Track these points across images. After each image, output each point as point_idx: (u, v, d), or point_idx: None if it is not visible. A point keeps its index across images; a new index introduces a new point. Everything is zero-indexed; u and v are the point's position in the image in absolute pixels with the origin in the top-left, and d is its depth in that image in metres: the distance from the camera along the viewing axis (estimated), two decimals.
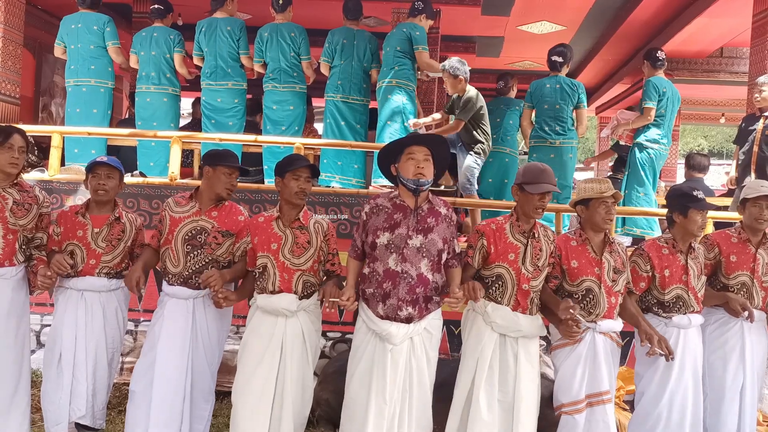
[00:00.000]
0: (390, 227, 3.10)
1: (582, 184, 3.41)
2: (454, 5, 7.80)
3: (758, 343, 3.62)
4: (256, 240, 3.35)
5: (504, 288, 3.24)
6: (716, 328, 3.63)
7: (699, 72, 9.47)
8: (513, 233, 3.27)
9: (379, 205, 3.18)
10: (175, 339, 3.36)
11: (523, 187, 3.22)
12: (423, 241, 3.08)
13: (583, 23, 8.97)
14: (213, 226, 3.44)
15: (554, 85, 5.43)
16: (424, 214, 3.12)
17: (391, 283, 3.06)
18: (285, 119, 5.50)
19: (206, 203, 3.48)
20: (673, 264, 3.48)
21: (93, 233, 3.53)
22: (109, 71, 5.76)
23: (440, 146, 3.23)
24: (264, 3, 6.03)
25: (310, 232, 3.34)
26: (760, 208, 3.57)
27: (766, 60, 6.08)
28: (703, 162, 6.51)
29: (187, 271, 3.41)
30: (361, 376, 3.10)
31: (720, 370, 3.56)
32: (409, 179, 3.08)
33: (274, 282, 3.28)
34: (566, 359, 3.30)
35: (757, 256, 3.62)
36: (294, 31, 5.45)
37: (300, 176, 3.30)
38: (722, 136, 24.34)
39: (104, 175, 3.53)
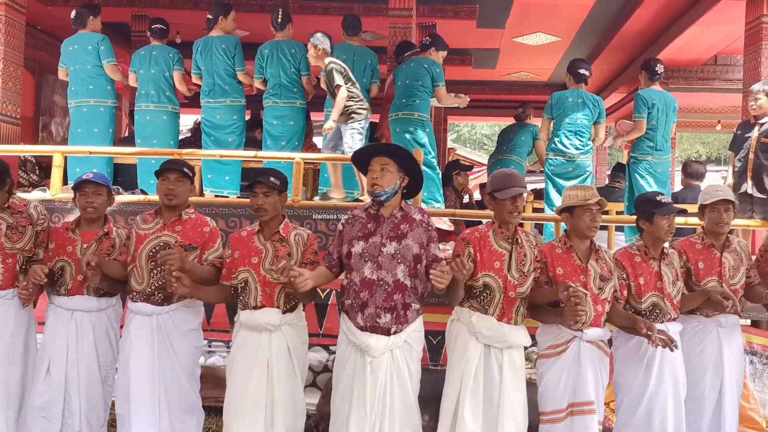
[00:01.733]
0: (364, 236, 3.15)
1: (567, 191, 3.42)
2: (449, 18, 7.88)
3: (736, 349, 3.63)
4: (237, 254, 3.35)
5: (491, 297, 3.23)
6: (692, 336, 3.62)
7: (694, 80, 9.53)
8: (497, 240, 3.28)
9: (355, 215, 3.25)
10: (142, 358, 3.34)
11: (493, 195, 3.25)
12: (397, 248, 3.10)
13: (578, 34, 9.04)
14: (176, 240, 3.42)
15: (576, 98, 5.42)
16: (397, 221, 3.16)
17: (368, 291, 3.08)
18: (285, 134, 5.54)
19: (167, 217, 3.47)
20: (646, 271, 3.47)
21: (82, 249, 3.52)
22: (109, 90, 5.79)
23: (402, 154, 3.21)
24: (262, 20, 6.10)
25: (291, 244, 3.34)
26: (719, 212, 3.60)
27: (760, 67, 6.14)
28: (699, 169, 6.55)
29: (150, 288, 3.39)
30: (344, 389, 3.11)
31: (699, 377, 3.55)
32: (368, 191, 3.18)
33: (255, 297, 3.28)
34: (551, 367, 3.29)
35: (722, 260, 3.64)
36: (294, 47, 5.51)
37: (257, 193, 3.31)
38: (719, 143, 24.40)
39: (92, 193, 3.51)
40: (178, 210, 3.49)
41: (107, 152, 5.58)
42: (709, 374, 3.57)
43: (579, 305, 3.04)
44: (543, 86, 11.74)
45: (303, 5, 7.53)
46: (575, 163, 5.37)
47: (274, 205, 3.33)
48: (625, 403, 3.47)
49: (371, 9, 7.41)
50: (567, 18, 8.34)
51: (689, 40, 8.13)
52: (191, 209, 3.58)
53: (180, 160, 3.66)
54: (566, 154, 5.37)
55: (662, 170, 5.59)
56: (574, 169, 5.38)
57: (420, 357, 3.24)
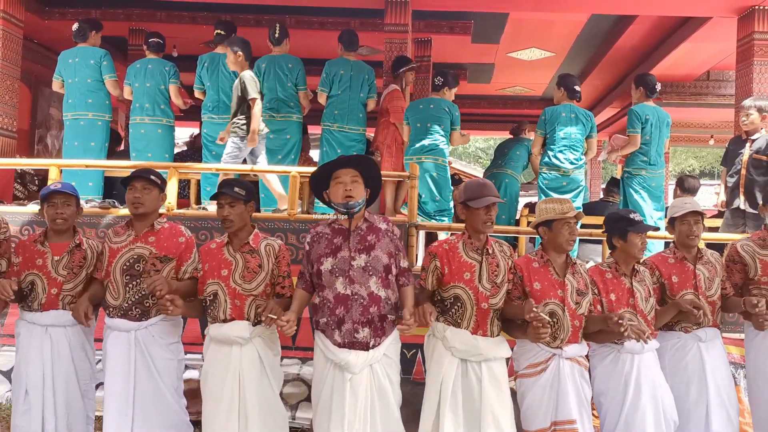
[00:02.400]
0: (332, 252, 3.08)
1: (543, 204, 3.37)
2: (445, 34, 7.96)
3: (719, 362, 3.57)
4: (207, 267, 3.29)
5: (463, 309, 3.17)
6: (674, 354, 3.56)
7: (687, 95, 9.64)
8: (466, 251, 3.22)
9: (319, 232, 3.17)
10: (117, 375, 3.26)
11: (467, 204, 3.20)
12: (367, 260, 3.05)
13: (572, 50, 9.14)
14: (151, 252, 3.32)
15: (569, 113, 5.46)
16: (363, 233, 3.10)
17: (344, 307, 3.02)
18: (281, 148, 5.57)
19: (139, 228, 3.37)
20: (618, 288, 3.42)
21: (53, 261, 3.40)
22: (107, 104, 5.83)
23: (368, 166, 3.20)
24: (259, 35, 6.14)
25: (261, 255, 3.27)
26: (689, 224, 3.57)
27: (752, 83, 6.23)
28: (694, 184, 6.60)
29: (126, 302, 3.30)
30: (323, 407, 3.05)
31: (683, 394, 3.49)
32: (339, 203, 3.08)
33: (225, 309, 3.21)
34: (532, 387, 3.23)
35: (696, 272, 3.60)
36: (291, 62, 5.56)
37: (222, 204, 3.25)
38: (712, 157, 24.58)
39: (61, 203, 3.41)
40: (149, 220, 3.39)
41: (103, 166, 5.58)
42: (693, 390, 3.50)
43: (542, 329, 3.01)
44: (538, 101, 11.84)
45: (300, 20, 7.60)
46: (569, 177, 5.41)
47: (241, 215, 3.26)
48: (606, 422, 3.41)
49: (368, 24, 7.49)
50: (561, 34, 8.43)
51: (682, 56, 8.23)
52: (164, 218, 3.49)
53: (147, 168, 3.55)
54: (560, 168, 5.40)
55: (656, 185, 5.62)
56: (568, 183, 5.41)
57: (398, 366, 3.19)
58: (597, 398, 3.48)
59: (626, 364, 3.33)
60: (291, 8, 7.19)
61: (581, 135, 5.43)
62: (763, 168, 5.05)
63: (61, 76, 5.78)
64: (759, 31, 6.23)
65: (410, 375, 4.43)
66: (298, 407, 4.38)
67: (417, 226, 4.79)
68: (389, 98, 5.71)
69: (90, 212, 4.90)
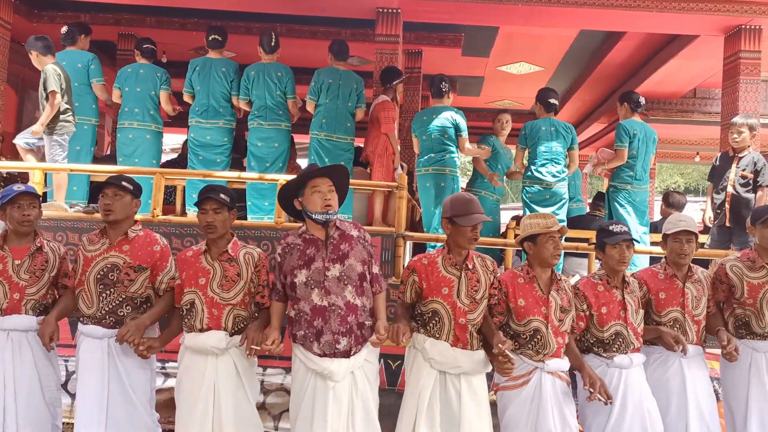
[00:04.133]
0: (305, 263, 3.04)
1: (527, 220, 3.36)
2: (435, 46, 7.99)
3: (700, 378, 3.58)
4: (184, 275, 3.24)
5: (441, 324, 3.15)
6: (657, 368, 3.58)
7: (673, 112, 9.73)
8: (445, 266, 3.19)
9: (290, 243, 3.12)
10: (89, 383, 3.21)
11: (454, 220, 3.14)
12: (342, 269, 3.02)
13: (561, 65, 9.21)
14: (124, 261, 3.27)
15: (549, 127, 5.51)
16: (336, 242, 3.06)
17: (322, 319, 2.98)
18: (269, 156, 5.55)
19: (113, 236, 3.31)
20: (609, 300, 3.43)
21: (14, 265, 3.33)
22: (93, 108, 5.78)
23: (343, 176, 3.18)
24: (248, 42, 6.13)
25: (240, 263, 3.22)
26: (681, 242, 3.58)
27: (738, 101, 6.30)
28: (680, 200, 6.65)
29: (100, 312, 3.25)
30: (304, 417, 3.00)
31: (664, 408, 3.50)
32: (317, 212, 3.02)
33: (201, 319, 3.16)
34: (513, 401, 3.22)
35: (685, 290, 3.60)
36: (281, 70, 5.55)
37: (206, 210, 3.20)
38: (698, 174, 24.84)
39: (27, 205, 3.35)
40: (123, 227, 3.33)
41: (88, 170, 5.51)
42: (673, 405, 3.52)
43: (506, 365, 3.01)
44: (526, 114, 11.87)
45: (291, 29, 7.59)
46: (552, 190, 5.45)
47: (224, 222, 3.22)
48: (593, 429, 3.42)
49: (358, 34, 7.50)
50: (550, 49, 8.49)
51: (669, 73, 8.32)
52: (138, 225, 3.43)
53: (120, 174, 3.51)
54: (543, 181, 5.45)
55: (641, 200, 5.66)
56: (551, 196, 5.45)
57: (377, 371, 3.17)
58: (582, 411, 3.48)
59: (614, 378, 3.35)
60: (282, 17, 7.17)
61: (562, 148, 5.49)
62: (749, 186, 5.09)
63: None
64: (745, 50, 6.31)
65: (395, 386, 4.41)
66: (281, 417, 4.33)
67: (404, 237, 4.78)
68: (379, 108, 5.69)
69: (74, 217, 4.84)
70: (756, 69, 6.32)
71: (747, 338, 3.69)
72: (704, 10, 6.09)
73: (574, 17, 6.48)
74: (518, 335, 3.26)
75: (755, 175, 5.07)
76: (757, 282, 3.70)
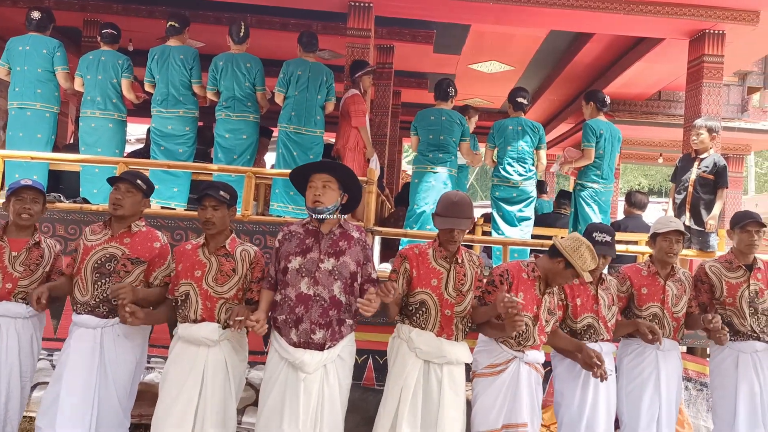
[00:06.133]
0: (302, 252, 3.11)
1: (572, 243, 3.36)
2: (407, 42, 8.00)
3: (673, 373, 3.75)
4: (180, 267, 3.29)
5: (428, 314, 3.23)
6: (632, 359, 3.76)
7: (638, 114, 9.92)
8: (436, 258, 3.28)
9: (291, 231, 3.21)
10: (80, 370, 3.22)
11: (435, 218, 3.27)
12: (335, 264, 3.09)
13: (530, 64, 9.31)
14: (123, 253, 3.33)
15: (516, 126, 5.57)
16: (335, 238, 3.14)
17: (304, 307, 3.04)
18: (237, 148, 5.47)
19: (116, 228, 3.37)
20: (584, 294, 3.60)
21: (11, 257, 3.40)
22: (56, 96, 5.62)
23: (343, 173, 3.21)
24: (218, 32, 6.04)
25: (236, 260, 3.29)
26: (670, 242, 3.74)
27: (701, 104, 6.45)
28: (642, 200, 6.77)
29: (94, 300, 3.28)
30: (273, 407, 3.04)
31: (637, 399, 3.67)
32: (309, 207, 3.13)
33: (195, 310, 3.21)
34: (488, 387, 3.31)
35: (666, 288, 3.78)
36: (250, 61, 5.47)
37: (205, 206, 3.25)
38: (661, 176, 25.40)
39: (30, 199, 3.42)
40: (128, 222, 3.39)
41: (50, 158, 5.38)
42: (647, 395, 3.68)
43: (517, 316, 3.01)
44: (496, 113, 12.00)
45: (261, 20, 7.52)
46: (519, 189, 5.53)
47: (223, 219, 3.28)
48: (565, 423, 3.55)
49: (330, 28, 7.46)
50: (520, 48, 8.58)
51: (635, 75, 8.47)
52: (143, 222, 3.49)
53: (136, 172, 3.55)
54: (510, 180, 5.52)
55: (605, 199, 5.76)
56: (519, 194, 5.53)
57: (351, 370, 3.22)
58: (556, 398, 3.65)
59: None
60: (252, 7, 7.08)
61: (530, 147, 5.56)
62: (709, 186, 5.21)
63: (8, 63, 5.54)
64: (709, 54, 6.46)
65: (360, 381, 4.42)
66: (245, 412, 4.29)
67: (373, 232, 4.78)
68: (349, 102, 5.67)
69: None
70: (719, 73, 6.48)
71: (731, 340, 3.83)
72: (670, 13, 6.23)
73: (544, 17, 6.55)
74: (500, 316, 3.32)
75: (715, 176, 5.19)
76: (735, 281, 3.87)
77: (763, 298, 3.83)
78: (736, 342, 3.82)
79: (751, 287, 3.82)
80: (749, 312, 3.81)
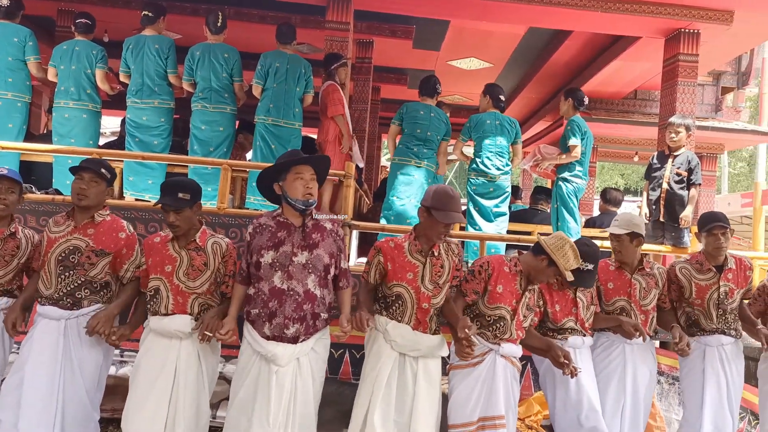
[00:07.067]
0: (274, 245, 3.06)
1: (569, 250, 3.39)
2: (386, 37, 7.97)
3: (642, 366, 3.81)
4: (150, 261, 3.24)
5: (404, 307, 3.23)
6: (601, 351, 3.84)
7: (615, 112, 10.03)
8: (411, 252, 3.26)
9: (262, 224, 3.15)
10: (42, 363, 3.16)
11: (431, 211, 3.18)
12: (309, 257, 3.06)
13: (509, 62, 9.35)
14: (87, 245, 3.27)
15: (494, 121, 5.60)
16: (309, 230, 3.10)
17: (278, 301, 3.01)
18: (213, 140, 5.40)
19: (79, 219, 3.30)
20: (562, 299, 3.67)
21: None
22: (27, 85, 5.51)
23: (325, 166, 3.22)
24: (195, 23, 5.96)
25: (208, 253, 3.24)
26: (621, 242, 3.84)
27: (675, 102, 6.54)
28: (617, 197, 6.85)
29: (58, 293, 3.23)
30: (244, 400, 3.01)
31: (602, 391, 3.74)
32: (298, 199, 3.06)
33: (167, 305, 3.18)
34: (464, 380, 3.33)
35: (632, 281, 3.85)
36: (227, 52, 5.40)
37: (168, 211, 3.21)
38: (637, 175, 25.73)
39: (5, 189, 3.36)
40: (91, 212, 3.32)
41: (22, 149, 5.27)
42: (612, 386, 3.75)
43: (467, 349, 3.09)
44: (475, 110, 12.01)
45: (239, 12, 7.44)
46: (495, 183, 5.56)
47: (188, 219, 3.22)
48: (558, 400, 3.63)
49: (309, 21, 7.41)
50: (499, 46, 8.61)
51: (612, 73, 8.55)
52: (106, 211, 3.41)
53: (99, 159, 3.49)
54: (488, 174, 5.54)
55: (580, 195, 5.84)
56: (495, 189, 5.57)
57: (325, 364, 3.20)
58: (542, 380, 3.77)
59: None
60: None
61: (507, 142, 5.61)
62: (683, 183, 5.28)
63: None
64: (684, 53, 6.55)
65: (337, 375, 4.41)
66: (219, 406, 4.26)
67: (350, 225, 4.76)
68: (325, 94, 5.64)
69: None
70: (693, 72, 6.57)
71: (698, 335, 3.93)
72: (646, 12, 6.30)
73: (523, 13, 6.58)
74: (482, 316, 3.36)
75: (689, 174, 5.26)
76: (704, 284, 3.94)
77: (732, 297, 3.91)
78: (704, 336, 3.90)
79: (721, 289, 3.89)
80: (716, 313, 3.90)
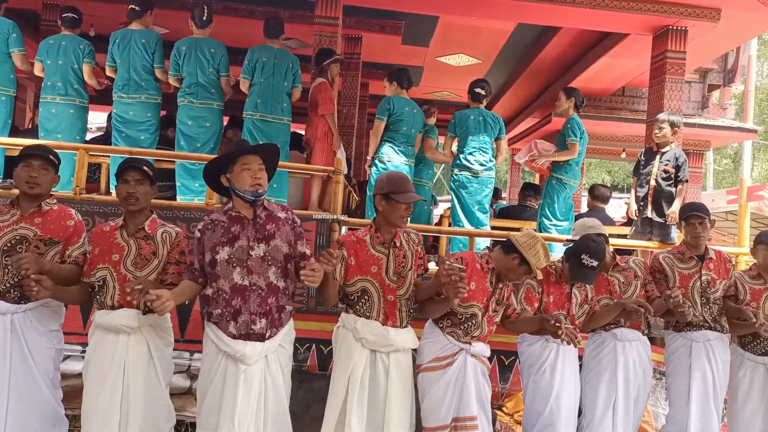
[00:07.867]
0: (229, 241, 2.95)
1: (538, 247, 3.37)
2: (375, 32, 7.96)
3: (635, 362, 3.82)
4: (97, 250, 3.13)
5: (371, 302, 3.18)
6: (593, 349, 3.88)
7: (602, 109, 10.08)
8: (374, 245, 3.21)
9: (213, 220, 3.02)
10: None
11: (390, 196, 3.13)
12: (267, 249, 2.96)
13: (498, 58, 9.36)
14: (35, 234, 3.13)
15: (477, 117, 5.62)
16: (262, 221, 3.00)
17: (241, 298, 2.92)
18: (201, 135, 5.35)
19: (26, 208, 3.17)
20: (557, 291, 3.67)
21: None
22: (11, 78, 5.44)
23: (274, 155, 3.13)
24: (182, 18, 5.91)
25: (157, 242, 3.15)
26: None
27: (663, 99, 6.57)
28: (605, 193, 6.88)
29: (4, 285, 3.10)
30: (212, 401, 2.93)
31: (594, 387, 3.78)
32: (246, 190, 2.95)
33: (113, 296, 3.08)
34: (436, 382, 3.29)
35: (610, 278, 3.89)
36: (214, 47, 5.35)
37: (128, 180, 3.11)
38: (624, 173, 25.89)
39: None
40: (38, 200, 3.18)
41: (6, 143, 5.20)
42: (603, 384, 3.77)
43: (460, 282, 2.95)
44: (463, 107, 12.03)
45: (227, 7, 7.40)
46: (479, 178, 5.59)
47: (146, 195, 3.14)
48: (530, 410, 3.62)
49: (297, 16, 7.38)
50: (488, 42, 8.61)
51: (600, 70, 8.59)
52: (53, 200, 3.29)
53: (46, 146, 3.33)
54: (471, 170, 5.56)
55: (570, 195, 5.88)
56: (479, 184, 5.59)
57: (291, 358, 3.15)
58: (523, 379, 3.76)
59: (552, 351, 3.62)
60: None
61: (490, 138, 5.62)
62: (670, 180, 5.31)
63: None
64: (671, 50, 6.59)
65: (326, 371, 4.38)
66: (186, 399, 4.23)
67: (339, 222, 4.75)
68: (317, 91, 5.61)
69: None
70: (681, 69, 6.62)
71: (684, 330, 3.95)
72: (635, 9, 6.32)
73: (512, 10, 6.59)
74: (454, 315, 3.34)
75: (676, 170, 5.29)
76: (687, 272, 3.98)
77: (715, 287, 3.95)
78: (690, 332, 3.93)
79: (703, 277, 3.94)
80: (701, 302, 3.93)
